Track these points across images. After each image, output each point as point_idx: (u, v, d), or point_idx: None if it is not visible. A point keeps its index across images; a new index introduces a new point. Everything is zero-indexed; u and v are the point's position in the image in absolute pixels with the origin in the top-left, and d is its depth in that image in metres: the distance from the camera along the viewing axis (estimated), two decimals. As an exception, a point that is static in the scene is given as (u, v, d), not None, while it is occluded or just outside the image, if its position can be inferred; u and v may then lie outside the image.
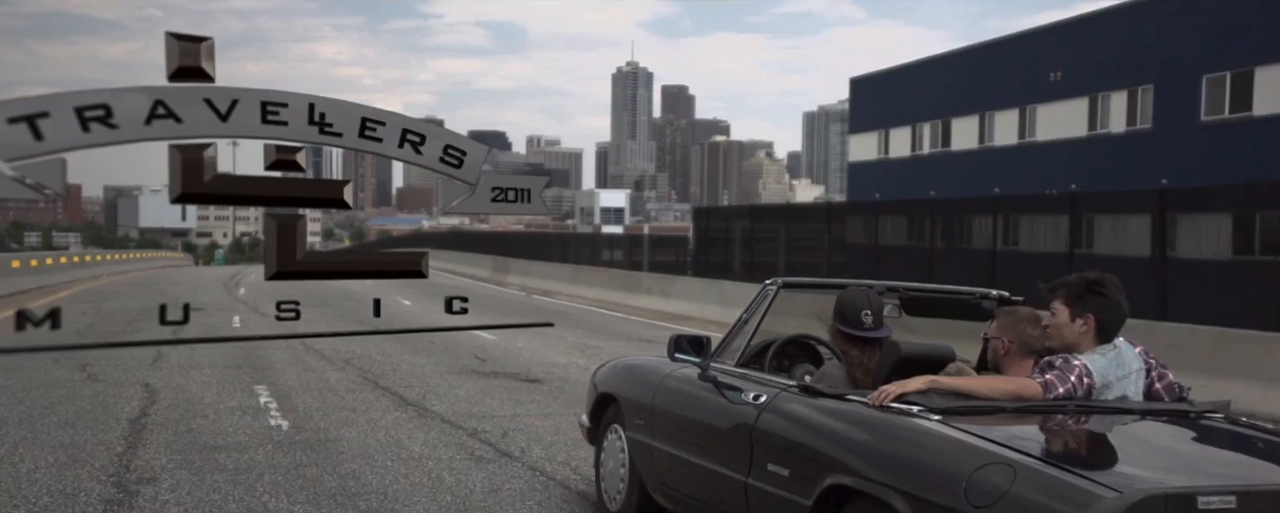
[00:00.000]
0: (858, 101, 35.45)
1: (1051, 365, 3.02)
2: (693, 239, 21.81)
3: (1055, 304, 3.15)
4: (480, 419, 7.05)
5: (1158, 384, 3.15)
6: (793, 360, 3.92)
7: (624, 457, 4.30)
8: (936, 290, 4.29)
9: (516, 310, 18.14)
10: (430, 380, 8.96)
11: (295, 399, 7.74)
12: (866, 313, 3.51)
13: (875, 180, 32.04)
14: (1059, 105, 25.50)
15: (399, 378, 9.05)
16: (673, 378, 4.08)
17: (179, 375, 8.84)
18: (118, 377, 8.67)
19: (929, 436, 2.77)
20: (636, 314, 17.84)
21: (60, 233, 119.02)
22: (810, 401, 3.28)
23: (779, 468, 3.21)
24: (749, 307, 3.93)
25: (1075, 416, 2.97)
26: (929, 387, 2.97)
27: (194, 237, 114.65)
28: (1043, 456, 2.55)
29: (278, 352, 10.77)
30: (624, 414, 4.34)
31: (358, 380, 8.86)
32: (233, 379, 8.72)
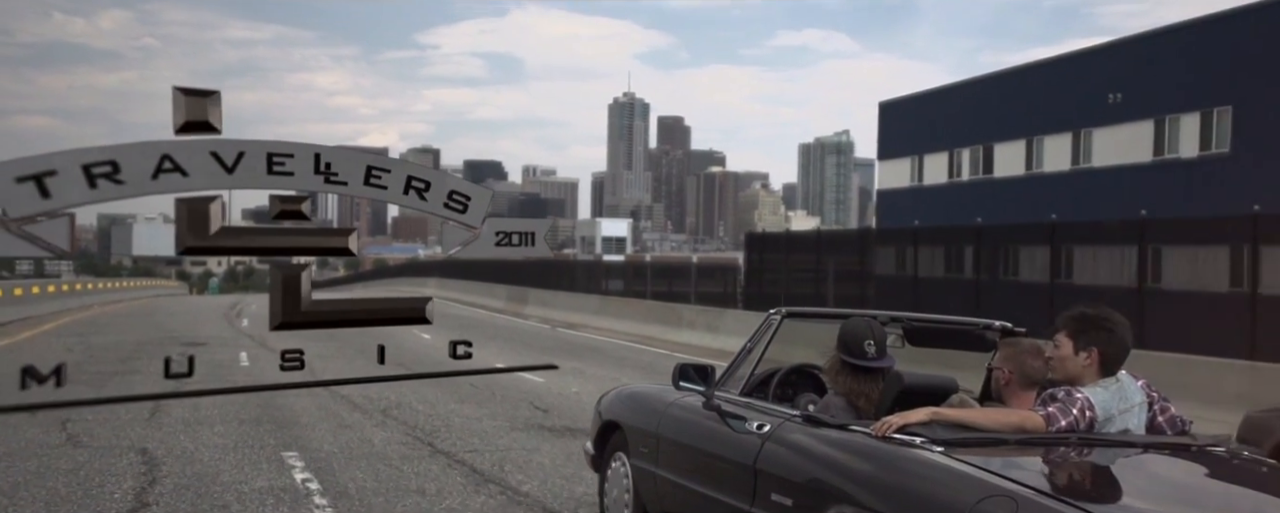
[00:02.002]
0: (887, 127, 33.94)
1: (1054, 398, 2.99)
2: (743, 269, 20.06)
3: (1058, 337, 3.11)
4: (588, 506, 5.28)
5: (1160, 417, 3.12)
6: (796, 390, 3.90)
7: (628, 483, 4.28)
8: (940, 321, 4.29)
9: (546, 347, 16.38)
10: (495, 440, 7.21)
11: (340, 473, 5.97)
12: (869, 343, 3.49)
13: (908, 209, 30.46)
14: (1119, 129, 23.98)
15: (456, 437, 7.29)
16: (677, 406, 4.08)
17: (184, 436, 7.05)
18: (106, 439, 6.88)
19: (931, 467, 2.76)
20: (681, 351, 16.09)
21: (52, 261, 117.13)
22: (813, 430, 3.27)
23: (782, 498, 3.19)
24: (753, 336, 3.93)
25: (1078, 448, 2.95)
26: (931, 418, 2.94)
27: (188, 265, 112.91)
28: (1045, 488, 2.55)
29: (299, 399, 9.02)
30: (629, 442, 4.32)
31: (408, 442, 7.09)
32: (253, 441, 6.95)
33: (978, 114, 28.95)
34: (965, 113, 29.50)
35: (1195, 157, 22.02)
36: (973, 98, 29.66)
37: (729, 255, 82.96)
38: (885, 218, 32.94)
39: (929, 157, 31.34)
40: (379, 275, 65.40)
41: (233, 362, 12.15)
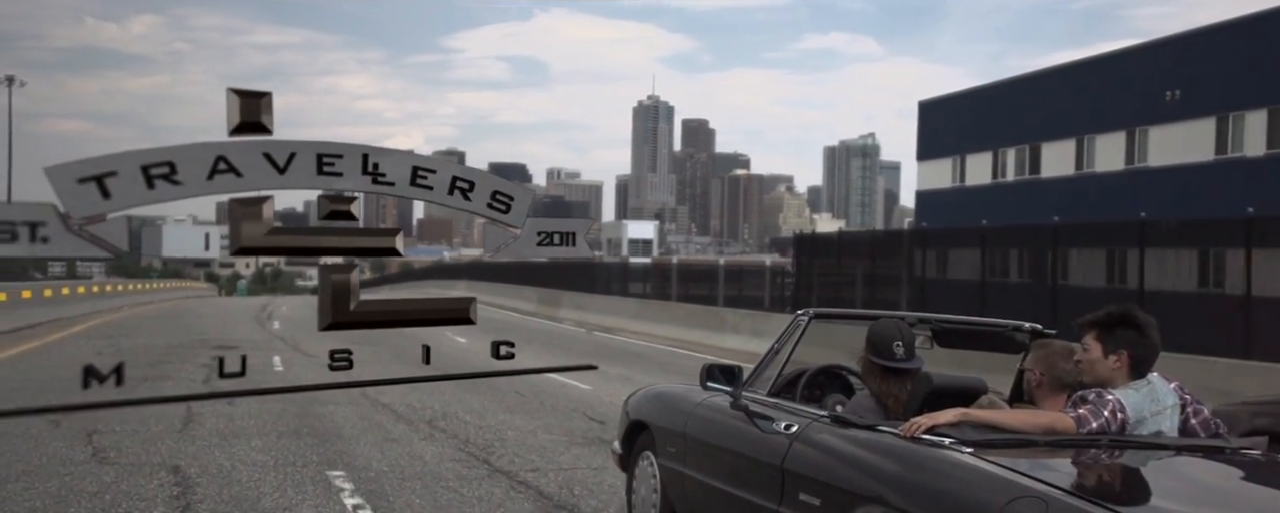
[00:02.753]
0: (927, 126, 33.03)
1: (1084, 400, 2.95)
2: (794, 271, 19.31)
3: (1087, 339, 3.06)
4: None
5: (1193, 420, 3.06)
6: (824, 390, 3.88)
7: (655, 482, 4.30)
8: (968, 322, 4.32)
9: (585, 351, 15.74)
10: (556, 458, 6.57)
11: (393, 497, 5.34)
12: (898, 344, 3.48)
13: (949, 211, 29.57)
14: (1178, 127, 23.03)
15: (513, 454, 6.66)
16: (705, 406, 4.07)
17: (219, 451, 6.45)
18: (135, 455, 6.29)
19: (960, 468, 2.72)
20: (726, 356, 15.38)
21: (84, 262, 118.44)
22: (842, 431, 3.25)
23: (810, 498, 3.17)
24: (780, 336, 3.92)
25: (1109, 450, 2.89)
26: (960, 419, 2.91)
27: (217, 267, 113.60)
28: (1075, 490, 2.51)
29: (339, 408, 8.44)
30: (656, 442, 4.34)
31: (462, 458, 6.47)
32: (294, 457, 6.34)
33: (1024, 113, 28.01)
34: (1010, 112, 28.58)
35: (1261, 155, 21.04)
36: (1018, 97, 28.73)
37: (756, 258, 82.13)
38: (924, 220, 32.04)
39: (972, 157, 30.42)
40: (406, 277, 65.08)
41: (266, 365, 11.60)
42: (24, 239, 2.26)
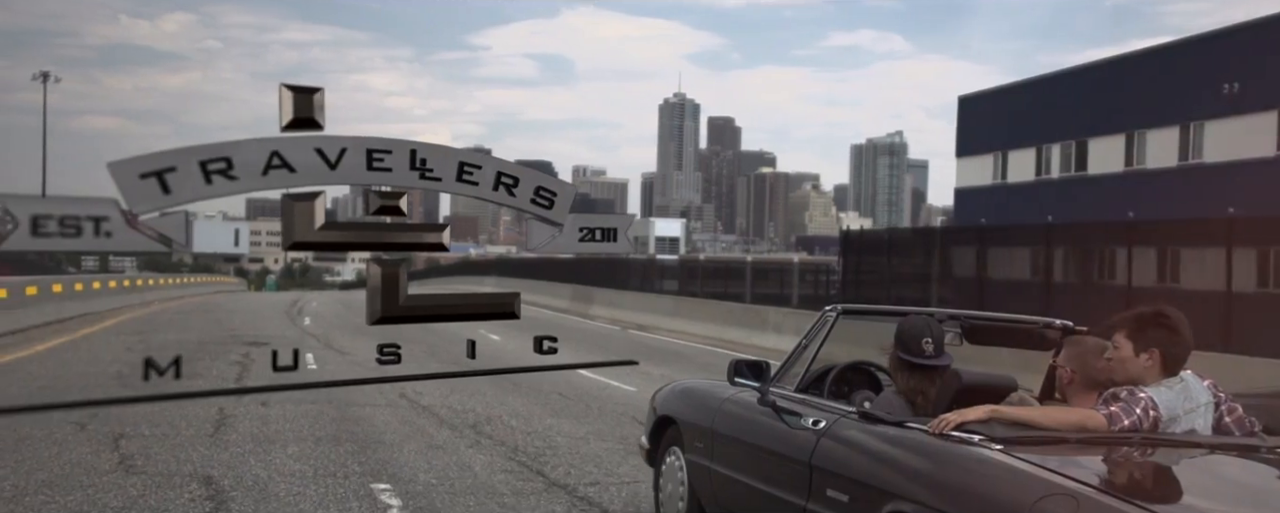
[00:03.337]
0: (966, 122, 32.20)
1: (1116, 397, 2.90)
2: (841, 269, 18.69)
3: (1117, 338, 3.02)
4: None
5: (1228, 418, 3.01)
6: (852, 387, 3.85)
7: (683, 478, 4.28)
8: (999, 319, 4.25)
9: (623, 350, 15.22)
10: (615, 469, 6.07)
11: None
12: (927, 341, 3.45)
13: (990, 208, 28.77)
14: (1237, 121, 22.14)
15: (568, 464, 6.16)
16: (732, 402, 4.05)
17: (254, 459, 5.98)
18: (165, 463, 5.83)
19: (990, 465, 2.71)
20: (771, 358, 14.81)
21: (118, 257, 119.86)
22: (870, 427, 3.22)
23: (838, 494, 3.15)
24: (808, 333, 3.90)
25: (1141, 448, 2.85)
26: (990, 416, 2.89)
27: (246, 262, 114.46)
28: (1106, 487, 2.48)
29: (378, 411, 7.99)
30: (683, 437, 4.32)
31: (515, 469, 5.97)
32: (334, 467, 5.86)
33: (1069, 108, 27.15)
34: (1055, 107, 27.70)
35: (1329, 150, 20.15)
36: (1063, 91, 27.86)
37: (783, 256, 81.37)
38: (962, 219, 31.22)
39: (1014, 153, 29.57)
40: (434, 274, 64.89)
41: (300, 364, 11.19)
42: (88, 233, 2.28)
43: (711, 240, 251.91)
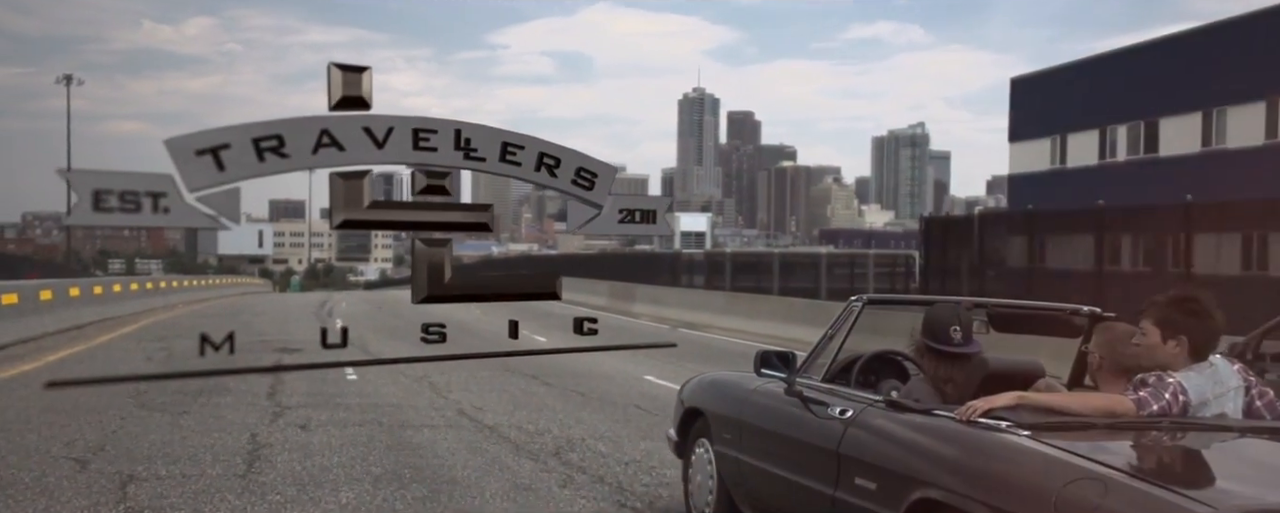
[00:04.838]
0: (1020, 105, 30.78)
1: (1145, 383, 2.90)
2: (920, 258, 17.49)
3: (1145, 324, 3.03)
4: None
5: (1259, 402, 2.99)
6: (879, 376, 3.86)
7: (711, 469, 4.32)
8: (1026, 307, 4.38)
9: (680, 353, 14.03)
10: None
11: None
12: (955, 329, 3.49)
13: (1048, 195, 27.32)
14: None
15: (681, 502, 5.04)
16: (759, 393, 4.09)
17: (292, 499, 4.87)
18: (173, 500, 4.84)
19: (1018, 451, 2.72)
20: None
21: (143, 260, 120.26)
22: (897, 415, 3.24)
23: (866, 482, 3.17)
24: (834, 323, 3.93)
25: (1170, 433, 2.86)
26: (1018, 403, 2.90)
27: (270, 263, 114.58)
28: (1135, 471, 2.49)
29: (438, 434, 7.00)
30: (711, 428, 4.37)
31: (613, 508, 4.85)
32: (397, 511, 4.76)
33: (1137, 86, 25.65)
34: (1120, 86, 26.21)
35: None
36: (1129, 69, 26.34)
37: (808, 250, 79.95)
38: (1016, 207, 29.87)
39: (1074, 136, 28.13)
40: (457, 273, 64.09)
41: (338, 375, 10.16)
42: (147, 209, 2.33)
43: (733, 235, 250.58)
